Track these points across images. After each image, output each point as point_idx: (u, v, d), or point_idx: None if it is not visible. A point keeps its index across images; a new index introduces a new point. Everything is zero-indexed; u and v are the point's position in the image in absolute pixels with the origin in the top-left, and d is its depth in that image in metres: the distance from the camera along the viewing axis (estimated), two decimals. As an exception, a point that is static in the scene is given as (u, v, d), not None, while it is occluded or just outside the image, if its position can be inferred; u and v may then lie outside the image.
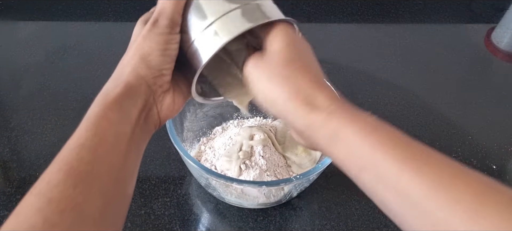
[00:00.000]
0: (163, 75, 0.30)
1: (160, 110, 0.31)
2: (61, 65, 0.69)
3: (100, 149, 0.25)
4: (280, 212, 0.50)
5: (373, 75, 0.70)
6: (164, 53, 0.29)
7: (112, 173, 0.26)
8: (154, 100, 0.30)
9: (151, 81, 0.29)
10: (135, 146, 0.29)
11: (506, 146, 0.59)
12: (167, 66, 0.30)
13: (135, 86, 0.29)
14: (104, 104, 0.27)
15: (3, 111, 0.61)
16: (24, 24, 0.77)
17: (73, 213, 0.23)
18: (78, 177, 0.24)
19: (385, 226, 0.49)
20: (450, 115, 0.64)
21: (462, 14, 0.85)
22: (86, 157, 0.25)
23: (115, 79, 0.29)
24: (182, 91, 0.33)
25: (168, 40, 0.29)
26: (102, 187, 0.25)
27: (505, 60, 0.75)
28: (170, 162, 0.55)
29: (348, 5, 0.85)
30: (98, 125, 0.26)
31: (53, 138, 0.56)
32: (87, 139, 0.25)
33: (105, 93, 0.28)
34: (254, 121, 0.58)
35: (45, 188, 0.23)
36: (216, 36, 0.29)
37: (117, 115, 0.27)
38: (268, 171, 0.48)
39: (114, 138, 0.27)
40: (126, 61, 0.30)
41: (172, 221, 0.49)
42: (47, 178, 0.24)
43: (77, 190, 0.23)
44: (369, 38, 0.78)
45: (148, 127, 0.30)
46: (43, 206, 0.23)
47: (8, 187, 0.51)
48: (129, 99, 0.28)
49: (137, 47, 0.29)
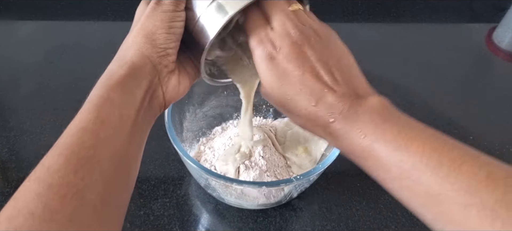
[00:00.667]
0: (168, 54, 0.29)
1: (165, 92, 0.30)
2: (60, 65, 0.69)
3: (102, 133, 0.25)
4: (280, 213, 0.50)
5: (373, 75, 0.69)
6: (169, 31, 0.28)
7: (114, 158, 0.25)
8: (159, 81, 0.29)
9: (156, 60, 0.29)
10: (139, 129, 0.28)
11: (507, 146, 0.59)
12: (172, 44, 0.29)
13: (140, 66, 0.28)
14: (107, 85, 0.26)
15: (2, 111, 0.61)
16: (22, 24, 0.77)
17: (74, 199, 0.22)
18: (79, 162, 0.23)
19: (385, 227, 0.49)
20: (451, 115, 0.63)
21: (463, 14, 0.85)
22: (88, 142, 0.24)
23: (119, 60, 0.28)
24: (188, 72, 0.32)
25: (173, 18, 0.29)
26: (103, 173, 0.24)
27: (506, 59, 0.75)
28: (169, 163, 0.54)
29: (349, 4, 0.84)
30: (100, 107, 0.25)
31: (52, 138, 0.55)
32: (89, 122, 0.25)
33: (109, 75, 0.27)
34: (254, 121, 0.58)
35: (45, 173, 0.23)
36: (222, 9, 0.28)
37: (121, 97, 0.26)
38: (268, 172, 0.48)
39: (117, 121, 0.26)
40: (130, 41, 0.29)
41: (171, 221, 0.48)
42: (47, 163, 0.23)
43: (78, 175, 0.23)
44: (370, 37, 0.78)
45: (152, 109, 0.30)
46: (43, 191, 0.22)
47: (7, 187, 0.51)
48: (134, 80, 0.27)
49: (141, 26, 0.29)
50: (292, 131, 0.54)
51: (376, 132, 0.26)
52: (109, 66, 0.28)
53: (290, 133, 0.54)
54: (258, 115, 0.59)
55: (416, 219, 0.51)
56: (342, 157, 0.42)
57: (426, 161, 0.24)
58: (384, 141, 0.25)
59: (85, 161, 0.23)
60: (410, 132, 0.25)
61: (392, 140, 0.25)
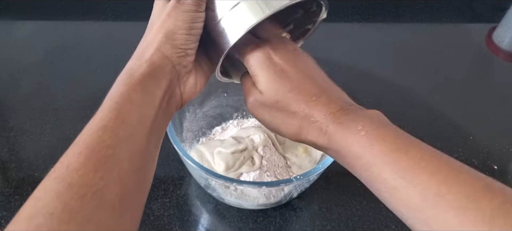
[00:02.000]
0: (188, 55, 0.29)
1: (183, 92, 0.30)
2: (60, 65, 0.68)
3: (122, 132, 0.24)
4: (280, 213, 0.50)
5: (374, 75, 0.70)
6: (189, 31, 0.28)
7: (133, 158, 0.25)
8: (177, 81, 0.29)
9: (176, 60, 0.28)
10: (157, 129, 0.28)
11: (507, 146, 0.59)
12: (192, 45, 0.29)
13: (160, 66, 0.28)
14: (128, 84, 0.26)
15: (2, 111, 0.61)
16: (22, 24, 0.77)
17: (94, 199, 0.22)
18: (99, 161, 0.23)
19: (385, 227, 0.49)
20: (451, 115, 0.63)
21: (463, 14, 0.85)
22: (108, 140, 0.24)
23: (139, 58, 0.28)
24: (204, 71, 0.32)
25: (194, 18, 0.28)
26: (122, 172, 0.24)
27: (506, 59, 0.75)
28: (169, 163, 0.54)
29: (349, 4, 0.84)
30: (121, 106, 0.25)
31: (52, 138, 0.56)
32: (109, 120, 0.24)
33: (129, 72, 0.27)
34: (254, 121, 0.58)
35: (64, 172, 0.22)
36: (246, 15, 0.27)
37: (141, 96, 0.26)
38: (268, 172, 0.48)
39: (137, 121, 0.26)
40: (150, 39, 0.28)
41: (171, 221, 0.48)
42: (66, 162, 0.23)
43: (97, 175, 0.22)
44: (370, 37, 0.78)
45: (170, 109, 0.30)
46: (63, 191, 0.22)
47: (7, 187, 0.51)
48: (154, 79, 0.27)
49: (161, 24, 0.28)
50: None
51: (377, 132, 0.26)
52: (128, 63, 0.28)
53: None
54: (258, 115, 0.59)
55: (416, 219, 0.51)
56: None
57: (425, 165, 0.24)
58: (384, 141, 0.25)
59: (105, 161, 0.23)
60: (409, 139, 0.26)
61: (392, 142, 0.25)
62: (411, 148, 0.25)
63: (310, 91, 0.29)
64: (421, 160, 0.24)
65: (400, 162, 0.24)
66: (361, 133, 0.26)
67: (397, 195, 0.24)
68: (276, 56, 0.30)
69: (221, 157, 0.47)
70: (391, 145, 0.25)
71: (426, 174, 0.23)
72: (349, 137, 0.26)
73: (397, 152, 0.25)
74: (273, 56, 0.30)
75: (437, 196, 0.23)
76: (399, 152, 0.25)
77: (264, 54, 0.30)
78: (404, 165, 0.24)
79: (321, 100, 0.28)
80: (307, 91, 0.29)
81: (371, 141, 0.26)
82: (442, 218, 0.22)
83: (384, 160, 0.25)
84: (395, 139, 0.25)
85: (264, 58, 0.30)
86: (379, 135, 0.26)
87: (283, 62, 0.30)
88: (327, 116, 0.28)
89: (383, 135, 0.26)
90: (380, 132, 0.26)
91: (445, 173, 0.23)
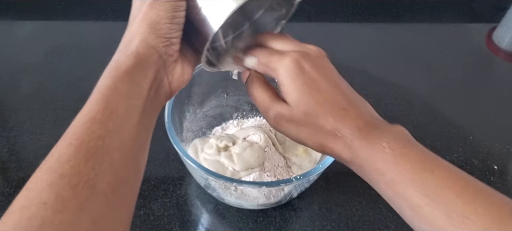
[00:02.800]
0: (173, 43, 0.29)
1: (171, 81, 0.30)
2: (60, 65, 0.69)
3: (111, 123, 0.25)
4: (280, 213, 0.50)
5: (374, 75, 0.70)
6: (172, 20, 0.28)
7: (123, 148, 0.25)
8: (164, 70, 0.29)
9: (162, 50, 0.29)
10: (146, 119, 0.28)
11: (507, 146, 0.59)
12: (176, 34, 0.29)
13: (146, 56, 0.28)
14: (115, 75, 0.26)
15: (2, 111, 0.61)
16: (22, 24, 0.77)
17: (86, 188, 0.22)
18: (89, 151, 0.23)
19: (385, 227, 0.49)
20: (451, 115, 0.63)
21: (463, 14, 0.85)
22: (97, 131, 0.24)
23: (124, 50, 0.28)
24: (189, 60, 0.32)
25: (176, 7, 0.28)
26: (113, 162, 0.24)
27: (506, 60, 0.75)
28: (169, 163, 0.54)
29: (349, 4, 0.84)
30: (109, 98, 0.25)
31: (52, 138, 0.56)
32: (98, 112, 0.25)
33: (115, 65, 0.27)
34: (254, 121, 0.58)
35: (56, 163, 0.23)
36: (226, 1, 0.28)
37: (128, 87, 0.26)
38: (268, 172, 0.48)
39: (125, 111, 0.26)
40: (134, 31, 0.29)
41: (171, 222, 0.48)
42: (57, 153, 0.23)
43: (88, 164, 0.23)
44: (370, 37, 0.78)
45: (159, 98, 0.30)
46: (55, 181, 0.22)
47: (7, 187, 0.51)
48: (141, 70, 0.27)
49: (144, 15, 0.29)
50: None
51: (402, 150, 0.26)
52: (114, 56, 0.28)
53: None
54: (258, 115, 0.59)
55: (416, 219, 0.51)
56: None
57: (451, 185, 0.24)
58: (409, 159, 0.26)
59: (95, 151, 0.23)
60: (435, 158, 0.26)
61: (418, 160, 0.26)
62: (436, 168, 0.25)
63: (339, 104, 0.29)
64: (447, 180, 0.24)
65: (426, 181, 0.24)
66: (386, 150, 0.26)
67: (421, 213, 0.25)
68: (307, 64, 0.30)
69: (208, 164, 0.48)
70: (417, 164, 0.25)
71: (452, 194, 0.24)
72: (374, 154, 0.27)
73: (422, 172, 0.25)
74: (304, 63, 0.29)
75: (462, 216, 0.23)
76: (425, 172, 0.25)
77: (294, 62, 0.29)
78: (429, 184, 0.24)
79: (350, 114, 0.28)
80: (337, 104, 0.29)
81: (396, 158, 0.26)
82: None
83: (409, 178, 0.25)
84: (421, 158, 0.26)
85: (295, 67, 0.29)
86: (405, 153, 0.26)
87: (313, 70, 0.29)
88: (353, 132, 0.28)
89: (408, 153, 0.26)
90: (406, 150, 0.26)
91: (472, 194, 0.23)
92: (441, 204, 0.24)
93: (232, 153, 0.48)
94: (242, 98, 0.57)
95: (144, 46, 0.28)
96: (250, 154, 0.47)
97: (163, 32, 0.28)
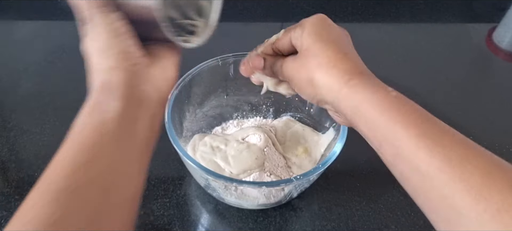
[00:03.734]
0: (130, 52, 0.29)
1: (154, 84, 0.30)
2: (60, 65, 0.69)
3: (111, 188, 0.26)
4: (280, 213, 0.50)
5: (373, 75, 0.70)
6: (114, 34, 0.28)
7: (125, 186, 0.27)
8: (137, 80, 0.29)
9: (124, 65, 0.28)
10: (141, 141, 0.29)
11: (507, 146, 0.59)
12: (128, 42, 0.29)
13: (107, 79, 0.28)
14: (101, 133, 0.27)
15: (2, 111, 0.61)
16: (22, 24, 0.77)
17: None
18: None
19: (385, 227, 0.49)
20: (451, 115, 0.63)
21: (463, 14, 0.85)
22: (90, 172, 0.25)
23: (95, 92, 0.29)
24: (164, 55, 0.32)
25: (107, 22, 0.28)
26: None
27: (506, 59, 0.75)
28: (169, 163, 0.54)
29: (349, 4, 0.84)
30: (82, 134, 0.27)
31: (52, 138, 0.56)
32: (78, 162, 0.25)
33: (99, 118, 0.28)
34: (254, 121, 0.58)
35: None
36: None
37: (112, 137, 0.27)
38: (268, 172, 0.48)
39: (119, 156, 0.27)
40: (93, 69, 0.29)
41: (171, 221, 0.48)
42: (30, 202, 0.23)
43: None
44: (370, 37, 0.78)
45: (146, 104, 0.29)
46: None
47: (7, 187, 0.51)
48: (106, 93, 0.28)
49: (91, 51, 0.29)
50: (292, 131, 0.54)
51: (407, 100, 0.28)
52: (90, 102, 0.29)
53: (289, 133, 0.54)
54: (258, 115, 0.59)
55: (416, 219, 0.51)
56: (342, 157, 0.42)
57: (449, 132, 0.27)
58: (414, 107, 0.28)
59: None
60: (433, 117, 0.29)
61: (422, 110, 0.29)
62: (435, 121, 0.28)
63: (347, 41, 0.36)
64: (448, 129, 0.27)
65: (431, 129, 0.27)
66: (392, 93, 0.29)
67: (414, 186, 0.27)
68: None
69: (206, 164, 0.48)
70: (421, 112, 0.28)
71: (450, 138, 0.26)
72: (379, 92, 0.29)
73: (427, 122, 0.27)
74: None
75: (462, 159, 0.24)
76: (429, 122, 0.27)
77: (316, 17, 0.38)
78: (434, 131, 0.26)
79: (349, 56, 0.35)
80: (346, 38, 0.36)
81: (401, 101, 0.28)
82: (468, 176, 0.23)
83: (411, 122, 0.27)
84: (421, 110, 0.28)
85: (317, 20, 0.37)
86: (410, 102, 0.28)
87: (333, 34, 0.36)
88: (340, 111, 0.31)
89: (413, 103, 0.28)
90: (409, 101, 0.29)
91: (468, 145, 0.25)
92: (440, 146, 0.25)
93: (227, 155, 0.48)
94: (242, 98, 0.57)
95: (107, 74, 0.28)
96: (247, 156, 0.47)
97: (117, 50, 0.28)
